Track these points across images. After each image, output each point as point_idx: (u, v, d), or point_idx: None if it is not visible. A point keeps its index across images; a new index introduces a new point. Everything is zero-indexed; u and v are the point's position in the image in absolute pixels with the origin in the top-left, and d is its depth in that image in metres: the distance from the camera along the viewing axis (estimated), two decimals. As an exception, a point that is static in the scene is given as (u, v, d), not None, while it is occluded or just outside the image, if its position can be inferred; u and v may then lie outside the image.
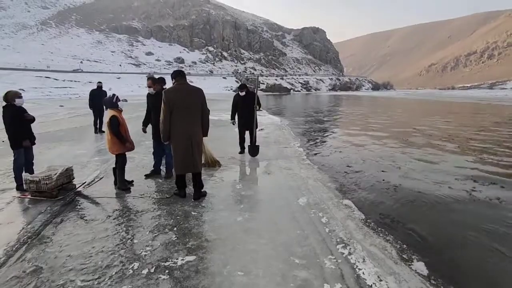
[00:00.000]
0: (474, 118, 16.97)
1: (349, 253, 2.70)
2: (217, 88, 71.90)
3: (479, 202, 4.29)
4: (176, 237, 2.95)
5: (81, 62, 77.20)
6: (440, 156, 7.14)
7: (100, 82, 10.29)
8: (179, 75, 3.80)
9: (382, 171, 5.83)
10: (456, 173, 5.65)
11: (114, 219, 3.36)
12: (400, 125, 13.55)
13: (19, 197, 3.98)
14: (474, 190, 4.72)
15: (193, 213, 3.53)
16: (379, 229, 3.26)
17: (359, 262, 2.57)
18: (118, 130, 4.09)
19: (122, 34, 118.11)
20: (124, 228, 3.13)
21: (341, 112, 22.50)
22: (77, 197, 4.04)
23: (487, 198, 4.40)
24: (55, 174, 3.96)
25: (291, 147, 7.66)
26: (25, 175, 3.89)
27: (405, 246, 2.89)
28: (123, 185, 4.32)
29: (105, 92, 9.73)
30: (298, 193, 4.22)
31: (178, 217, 3.40)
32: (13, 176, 4.27)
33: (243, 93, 6.44)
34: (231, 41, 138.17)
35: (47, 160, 5.99)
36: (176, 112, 3.63)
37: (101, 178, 4.73)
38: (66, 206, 3.75)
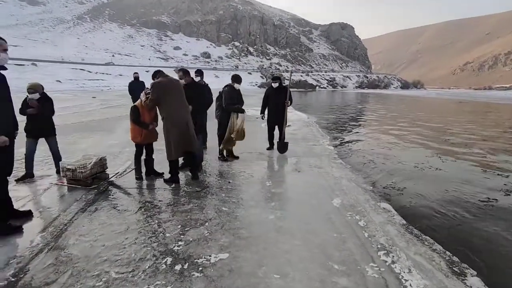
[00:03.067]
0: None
1: (393, 262, 2.50)
2: (242, 83, 71.68)
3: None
4: (208, 232, 2.88)
5: (113, 55, 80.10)
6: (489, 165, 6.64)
7: (137, 73, 10.16)
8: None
9: (421, 172, 5.48)
10: None
11: (146, 210, 3.35)
12: (433, 126, 12.84)
13: (56, 183, 4.09)
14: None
15: (224, 208, 3.45)
16: (424, 236, 3.01)
17: (404, 272, 2.36)
18: (135, 119, 4.17)
19: (152, 28, 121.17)
20: (156, 221, 3.10)
21: (370, 110, 21.75)
22: (110, 187, 4.09)
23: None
24: (90, 163, 4.03)
25: (320, 145, 7.43)
26: (62, 163, 3.99)
27: (455, 258, 2.64)
28: (136, 174, 4.38)
29: (142, 83, 9.46)
30: (331, 193, 4.03)
31: (209, 212, 3.33)
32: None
33: (276, 85, 6.28)
34: (258, 36, 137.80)
35: (81, 149, 6.16)
36: (175, 99, 4.07)
37: (133, 169, 4.77)
38: (100, 195, 3.80)
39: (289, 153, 6.23)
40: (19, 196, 3.65)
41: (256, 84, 76.63)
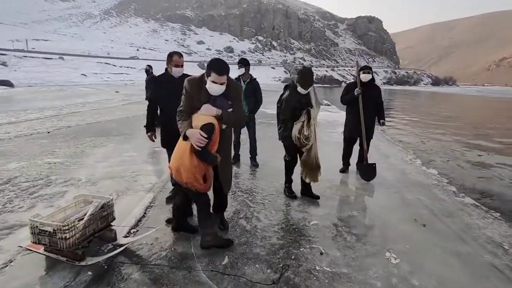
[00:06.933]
0: None
1: None
2: (266, 79, 69.93)
3: None
4: None
5: (137, 49, 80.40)
6: None
7: (149, 66, 8.97)
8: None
9: None
10: None
11: None
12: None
13: (27, 249, 2.35)
14: None
15: None
16: None
17: None
18: (203, 149, 2.16)
19: (176, 23, 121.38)
20: None
21: (419, 108, 19.14)
22: (116, 259, 2.30)
23: None
24: (83, 216, 2.26)
25: (410, 164, 5.38)
26: (31, 220, 2.22)
27: None
28: (209, 241, 2.45)
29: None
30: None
31: None
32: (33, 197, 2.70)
33: (368, 77, 4.33)
34: (281, 30, 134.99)
35: (86, 167, 4.49)
36: None
37: (160, 226, 2.98)
38: (96, 284, 2.02)
39: (377, 181, 4.28)
40: None
41: (280, 79, 74.41)
